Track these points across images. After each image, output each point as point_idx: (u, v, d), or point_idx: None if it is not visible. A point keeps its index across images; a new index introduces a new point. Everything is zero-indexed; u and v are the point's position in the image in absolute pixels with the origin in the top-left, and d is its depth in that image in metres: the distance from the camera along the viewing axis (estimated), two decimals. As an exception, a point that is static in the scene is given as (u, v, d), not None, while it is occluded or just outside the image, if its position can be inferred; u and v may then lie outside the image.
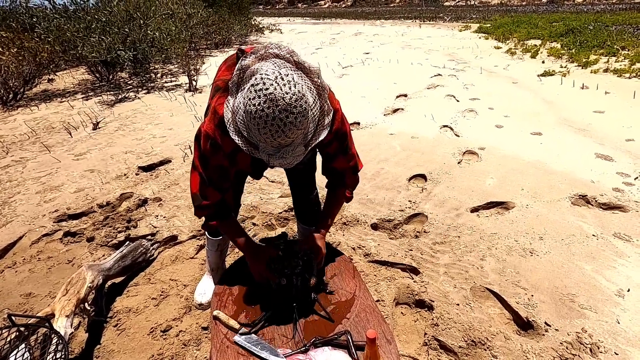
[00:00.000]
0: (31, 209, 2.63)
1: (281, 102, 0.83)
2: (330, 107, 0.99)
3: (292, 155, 0.91)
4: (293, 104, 0.84)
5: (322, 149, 1.20)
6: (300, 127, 0.87)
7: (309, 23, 15.75)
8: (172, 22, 7.26)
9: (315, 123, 0.95)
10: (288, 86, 0.84)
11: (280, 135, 0.86)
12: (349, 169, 1.26)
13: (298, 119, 0.86)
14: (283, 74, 0.86)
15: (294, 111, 0.84)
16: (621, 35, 7.07)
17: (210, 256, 1.70)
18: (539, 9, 15.43)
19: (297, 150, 0.92)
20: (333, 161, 1.23)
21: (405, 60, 6.81)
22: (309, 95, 0.91)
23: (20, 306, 1.81)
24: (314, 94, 0.94)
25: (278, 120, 0.84)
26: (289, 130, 0.86)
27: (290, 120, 0.85)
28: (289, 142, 0.89)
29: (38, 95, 6.05)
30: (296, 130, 0.87)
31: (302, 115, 0.86)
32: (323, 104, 0.97)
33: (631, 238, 2.02)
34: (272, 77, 0.84)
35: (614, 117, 3.70)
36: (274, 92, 0.83)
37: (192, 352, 1.53)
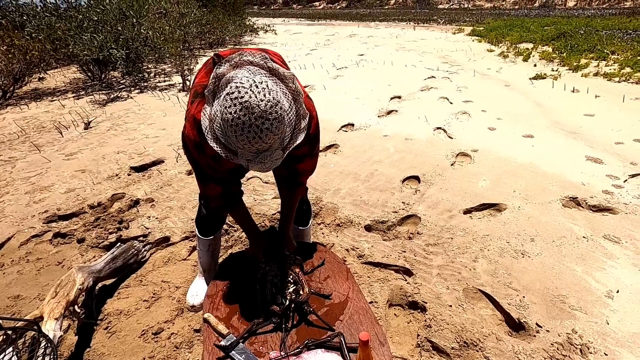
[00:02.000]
0: (20, 209, 2.59)
1: (256, 109, 0.85)
2: (306, 111, 1.01)
3: (271, 160, 0.93)
4: (268, 110, 0.85)
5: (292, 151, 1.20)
6: (277, 132, 0.89)
7: (304, 24, 15.75)
8: (166, 21, 7.20)
9: (292, 127, 0.96)
10: (263, 93, 0.85)
11: (257, 142, 0.88)
12: (310, 170, 1.31)
13: (274, 125, 0.87)
14: (257, 81, 0.87)
15: (270, 117, 0.86)
16: (611, 40, 7.19)
17: (202, 257, 1.69)
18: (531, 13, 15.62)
19: (275, 154, 0.93)
20: (300, 162, 1.25)
21: (400, 62, 6.85)
22: (285, 101, 0.92)
23: (8, 309, 1.78)
24: (289, 99, 0.95)
25: (254, 127, 0.85)
26: (266, 136, 0.87)
27: (266, 127, 0.86)
28: (266, 147, 0.90)
29: (28, 93, 5.96)
30: (273, 136, 0.89)
31: (278, 121, 0.88)
32: (299, 108, 0.99)
33: (620, 240, 2.05)
34: (247, 85, 0.86)
35: (604, 120, 3.76)
36: (249, 100, 0.84)
37: (184, 354, 1.51)
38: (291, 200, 1.37)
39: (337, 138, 3.54)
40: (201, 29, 8.96)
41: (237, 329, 1.11)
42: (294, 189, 1.34)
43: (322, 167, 3.00)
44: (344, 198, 2.57)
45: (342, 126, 3.84)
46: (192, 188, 2.77)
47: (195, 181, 2.85)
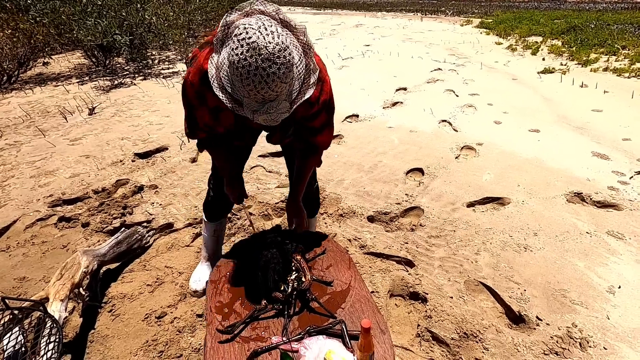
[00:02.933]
0: (25, 193, 2.60)
1: (264, 50, 0.81)
2: (317, 66, 0.97)
3: (277, 111, 0.89)
4: (276, 53, 0.82)
5: (309, 122, 1.17)
6: (285, 79, 0.85)
7: (310, 13, 15.56)
8: (170, 7, 7.13)
9: (300, 81, 0.93)
10: (271, 36, 0.82)
11: (263, 87, 0.84)
12: (328, 142, 1.26)
13: (281, 70, 0.83)
14: (267, 24, 0.84)
15: (277, 61, 0.82)
16: (622, 35, 7.06)
17: (207, 242, 1.71)
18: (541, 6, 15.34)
19: (282, 106, 0.90)
20: (317, 134, 1.20)
21: (406, 54, 6.77)
22: (295, 52, 0.89)
23: (14, 290, 1.80)
24: (299, 52, 0.92)
25: (261, 69, 0.82)
26: (272, 81, 0.84)
27: (273, 71, 0.82)
28: (273, 96, 0.87)
29: (33, 78, 5.95)
30: (280, 83, 0.85)
31: (286, 67, 0.84)
32: (309, 62, 0.95)
33: (624, 236, 2.04)
34: (255, 27, 0.82)
35: (612, 116, 3.72)
36: (256, 41, 0.81)
37: (187, 338, 1.54)
38: (304, 169, 1.31)
39: (341, 129, 3.52)
40: (206, 16, 8.87)
41: (240, 314, 1.12)
42: (308, 156, 1.30)
43: (326, 158, 2.97)
44: (347, 189, 2.57)
45: (346, 117, 3.82)
46: (196, 176, 2.77)
47: (198, 169, 2.86)
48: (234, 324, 1.06)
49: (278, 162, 2.93)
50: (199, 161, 3.01)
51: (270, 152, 3.02)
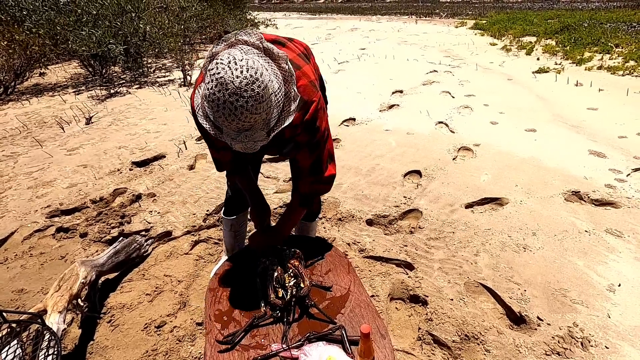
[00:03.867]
0: (23, 204, 2.60)
1: (230, 85, 0.84)
2: (297, 94, 0.99)
3: (252, 140, 0.92)
4: (243, 87, 0.84)
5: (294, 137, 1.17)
6: (254, 111, 0.87)
7: (305, 18, 15.64)
8: (166, 16, 7.16)
9: (279, 109, 0.95)
10: (240, 70, 0.85)
11: (234, 119, 0.87)
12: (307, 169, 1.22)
13: (249, 103, 0.86)
14: (238, 58, 0.86)
15: (245, 95, 0.85)
16: (615, 33, 7.11)
17: (226, 236, 1.75)
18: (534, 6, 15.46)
19: (257, 135, 0.92)
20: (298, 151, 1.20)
21: (401, 56, 6.80)
22: (275, 81, 0.92)
23: (12, 302, 1.79)
24: (279, 80, 0.94)
25: (229, 103, 0.85)
26: (241, 114, 0.86)
27: (240, 104, 0.85)
28: (247, 126, 0.90)
29: (29, 89, 5.96)
30: (250, 115, 0.87)
31: (254, 99, 0.86)
32: (289, 89, 0.97)
33: (623, 234, 2.04)
34: (225, 62, 0.86)
35: (607, 114, 3.73)
36: (223, 76, 0.84)
37: (187, 347, 1.53)
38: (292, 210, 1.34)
39: (338, 132, 3.53)
40: (201, 24, 8.90)
41: (239, 322, 1.11)
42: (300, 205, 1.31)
43: (324, 162, 2.99)
44: (346, 192, 2.57)
45: (343, 120, 3.83)
46: (194, 183, 2.77)
47: (196, 176, 2.86)
48: (233, 332, 1.06)
49: (276, 167, 2.94)
50: (196, 168, 3.01)
51: (268, 157, 3.03)
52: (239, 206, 1.66)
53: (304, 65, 1.14)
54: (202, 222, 2.31)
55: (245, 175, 1.37)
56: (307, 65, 1.15)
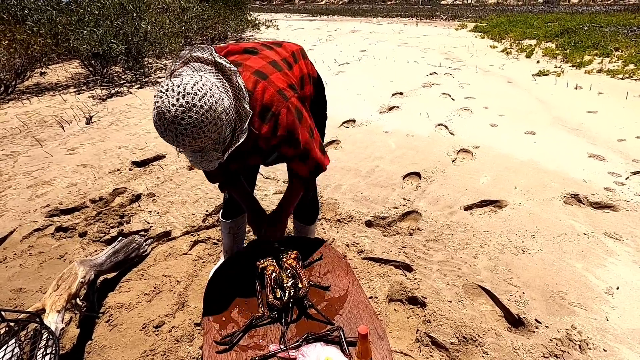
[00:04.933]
0: (22, 203, 2.60)
1: (167, 115, 0.85)
2: (249, 111, 0.98)
3: (205, 160, 0.94)
4: (179, 116, 0.85)
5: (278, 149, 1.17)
6: (195, 137, 0.88)
7: (306, 19, 15.67)
8: (167, 16, 7.18)
9: (232, 127, 0.95)
10: (176, 98, 0.85)
11: (179, 144, 0.89)
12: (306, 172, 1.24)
13: (189, 130, 0.86)
14: (176, 84, 0.86)
15: (182, 123, 0.85)
16: (615, 37, 7.13)
17: (224, 238, 1.75)
18: (534, 9, 15.50)
19: (211, 155, 0.94)
20: (291, 162, 1.23)
21: (402, 59, 6.82)
22: (225, 99, 0.92)
23: (11, 301, 1.79)
24: (230, 97, 0.94)
25: (169, 131, 0.87)
26: (183, 140, 0.87)
27: (180, 132, 0.86)
28: (197, 148, 0.91)
29: (30, 88, 5.96)
30: (193, 140, 0.88)
31: (193, 125, 0.86)
32: (240, 107, 0.97)
33: (621, 237, 2.05)
34: (163, 90, 0.87)
35: (607, 117, 3.74)
36: (161, 106, 0.86)
37: (185, 347, 1.53)
38: (290, 190, 1.36)
39: (338, 134, 3.54)
40: (202, 24, 8.92)
41: (237, 322, 1.11)
42: (292, 180, 1.35)
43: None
44: (345, 194, 2.57)
45: (343, 122, 3.83)
46: (193, 183, 2.77)
47: (196, 176, 2.86)
48: (232, 333, 1.06)
49: (275, 168, 2.94)
50: (196, 169, 3.01)
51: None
52: (237, 209, 1.66)
53: (273, 73, 1.10)
54: (202, 222, 2.31)
55: (237, 187, 1.37)
56: (278, 73, 1.11)
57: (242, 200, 1.39)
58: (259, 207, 1.39)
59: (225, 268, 1.35)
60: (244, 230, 1.80)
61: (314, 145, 1.19)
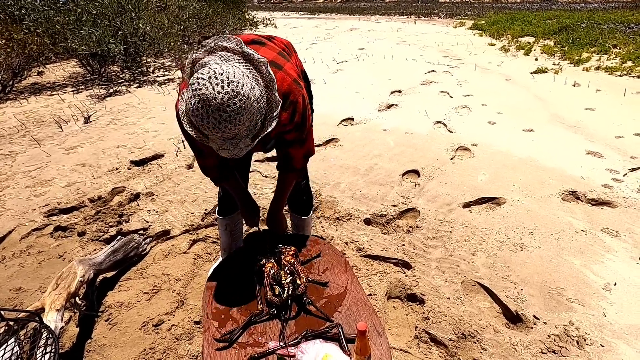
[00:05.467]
0: (21, 203, 2.59)
1: (213, 102, 0.86)
2: (279, 99, 1.01)
3: (237, 147, 0.95)
4: (225, 103, 0.86)
5: (281, 135, 1.23)
6: (237, 123, 0.90)
7: (304, 17, 15.64)
8: (165, 15, 7.16)
9: (262, 115, 0.98)
10: (221, 85, 0.86)
11: (218, 132, 0.90)
12: (301, 157, 1.32)
13: (232, 117, 0.88)
14: (218, 72, 0.88)
15: (227, 110, 0.87)
16: (613, 34, 7.14)
17: (222, 236, 1.77)
18: (533, 7, 15.50)
19: (242, 142, 0.95)
20: (289, 147, 1.27)
21: (400, 56, 6.81)
22: (256, 88, 0.94)
23: (10, 301, 1.79)
24: (261, 86, 0.96)
25: (212, 119, 0.87)
26: (225, 127, 0.89)
27: (224, 119, 0.88)
28: (232, 135, 0.92)
29: (28, 88, 5.95)
30: (233, 127, 0.90)
31: (237, 112, 0.88)
32: (271, 95, 0.99)
33: (619, 233, 2.05)
34: (205, 77, 0.87)
35: (605, 114, 3.75)
36: (205, 93, 0.86)
37: (185, 346, 1.53)
38: (283, 183, 1.40)
39: (337, 132, 3.54)
40: (201, 23, 8.90)
41: (237, 320, 1.11)
42: (286, 172, 1.37)
43: (322, 161, 3.00)
44: (344, 192, 2.58)
45: (342, 120, 3.83)
46: (192, 182, 2.77)
47: (194, 175, 2.86)
48: (231, 331, 1.06)
49: (274, 166, 2.94)
50: (195, 167, 3.01)
51: (267, 157, 3.03)
52: (233, 206, 1.67)
53: (285, 63, 1.15)
54: (200, 221, 2.31)
55: (231, 181, 1.40)
56: (288, 63, 1.17)
57: (234, 193, 1.43)
58: (250, 199, 1.44)
59: (224, 266, 1.35)
60: (240, 227, 1.81)
61: (312, 132, 1.30)
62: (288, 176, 1.38)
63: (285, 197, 1.44)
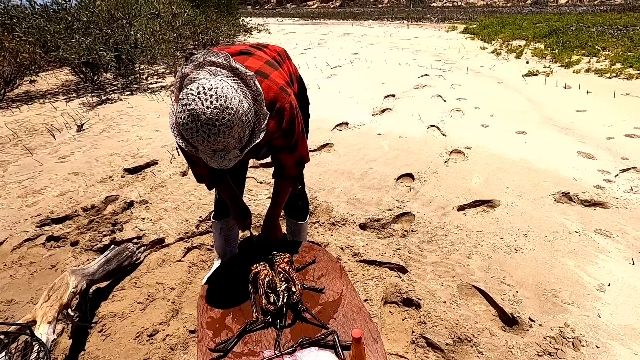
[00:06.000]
0: (12, 213, 2.56)
1: (202, 117, 0.89)
2: (267, 112, 1.04)
3: (227, 159, 0.97)
4: (214, 117, 0.89)
5: (270, 142, 1.24)
6: (226, 136, 0.92)
7: (298, 23, 15.73)
8: (158, 23, 7.16)
9: (250, 127, 1.00)
10: (210, 101, 0.89)
11: (207, 145, 0.92)
12: (292, 165, 1.32)
13: (221, 130, 0.90)
14: (207, 87, 0.90)
15: (216, 124, 0.89)
16: (602, 36, 7.25)
17: (216, 240, 1.77)
18: (523, 10, 15.72)
19: (231, 154, 0.98)
20: (279, 153, 1.29)
21: (393, 61, 6.86)
22: (244, 102, 0.97)
23: (1, 313, 1.76)
24: (249, 99, 0.99)
25: (202, 132, 0.90)
26: (214, 140, 0.91)
27: (213, 132, 0.90)
28: (220, 147, 0.95)
29: (20, 96, 5.90)
30: (222, 140, 0.92)
31: (225, 126, 0.91)
32: (259, 108, 1.02)
33: (612, 234, 2.07)
34: (194, 92, 0.89)
35: (595, 116, 3.80)
36: (195, 108, 0.89)
37: (179, 355, 1.51)
38: (278, 190, 1.42)
39: (331, 137, 3.54)
40: (194, 30, 8.91)
41: (232, 329, 1.11)
42: (280, 180, 1.38)
43: (317, 166, 3.00)
44: (339, 197, 2.58)
45: (336, 125, 3.84)
46: (187, 189, 2.76)
47: (189, 182, 2.84)
48: (226, 340, 1.05)
49: (269, 172, 2.93)
50: (189, 175, 3.00)
51: (261, 162, 3.02)
52: (228, 209, 1.67)
53: (272, 72, 1.18)
54: (195, 228, 2.30)
55: (223, 186, 1.42)
56: (275, 72, 1.19)
57: (227, 197, 1.45)
58: (242, 203, 1.47)
59: (218, 274, 1.34)
60: (236, 232, 1.80)
61: (304, 139, 1.30)
62: (282, 184, 1.39)
63: (281, 205, 1.45)
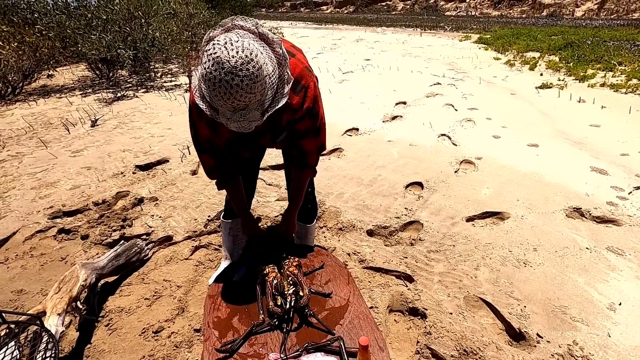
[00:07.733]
0: (26, 204, 2.61)
1: (226, 64, 0.88)
2: (291, 77, 1.03)
3: (247, 119, 0.96)
4: (238, 67, 0.88)
5: (292, 125, 1.23)
6: (249, 90, 0.91)
7: (311, 28, 15.83)
8: (174, 22, 7.27)
9: (273, 90, 0.99)
10: (235, 50, 0.88)
11: (229, 98, 0.90)
12: (315, 151, 1.31)
13: (244, 82, 0.89)
14: (234, 40, 0.90)
15: (240, 74, 0.88)
16: (618, 51, 7.16)
17: (225, 240, 1.78)
18: (538, 22, 15.61)
19: (252, 115, 0.96)
20: (302, 139, 1.27)
21: (406, 68, 6.86)
22: (269, 64, 0.96)
23: (11, 303, 1.79)
24: (274, 63, 0.99)
25: (224, 82, 0.88)
26: (237, 92, 0.89)
27: (236, 83, 0.88)
28: (242, 105, 0.93)
29: (37, 90, 6.03)
30: (245, 94, 0.90)
31: (249, 78, 0.89)
32: (283, 72, 1.01)
33: (624, 252, 2.04)
34: (221, 43, 0.89)
35: (610, 131, 3.75)
36: (220, 55, 0.88)
37: (184, 354, 1.52)
38: (299, 182, 1.40)
39: (341, 142, 3.55)
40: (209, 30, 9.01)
41: (238, 329, 1.11)
42: (302, 169, 1.36)
43: (326, 171, 3.01)
44: (347, 202, 2.57)
45: (346, 130, 3.85)
46: (196, 188, 2.78)
47: (198, 181, 2.87)
48: (232, 341, 1.06)
49: (278, 174, 2.95)
50: (199, 174, 3.02)
51: (270, 164, 3.04)
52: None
53: (297, 53, 1.20)
54: (203, 227, 2.32)
55: (233, 187, 1.41)
56: (300, 54, 1.21)
57: (234, 202, 1.45)
58: (248, 212, 1.48)
59: (225, 274, 1.35)
60: None
61: (324, 124, 1.30)
62: (303, 173, 1.37)
63: (300, 199, 1.43)
